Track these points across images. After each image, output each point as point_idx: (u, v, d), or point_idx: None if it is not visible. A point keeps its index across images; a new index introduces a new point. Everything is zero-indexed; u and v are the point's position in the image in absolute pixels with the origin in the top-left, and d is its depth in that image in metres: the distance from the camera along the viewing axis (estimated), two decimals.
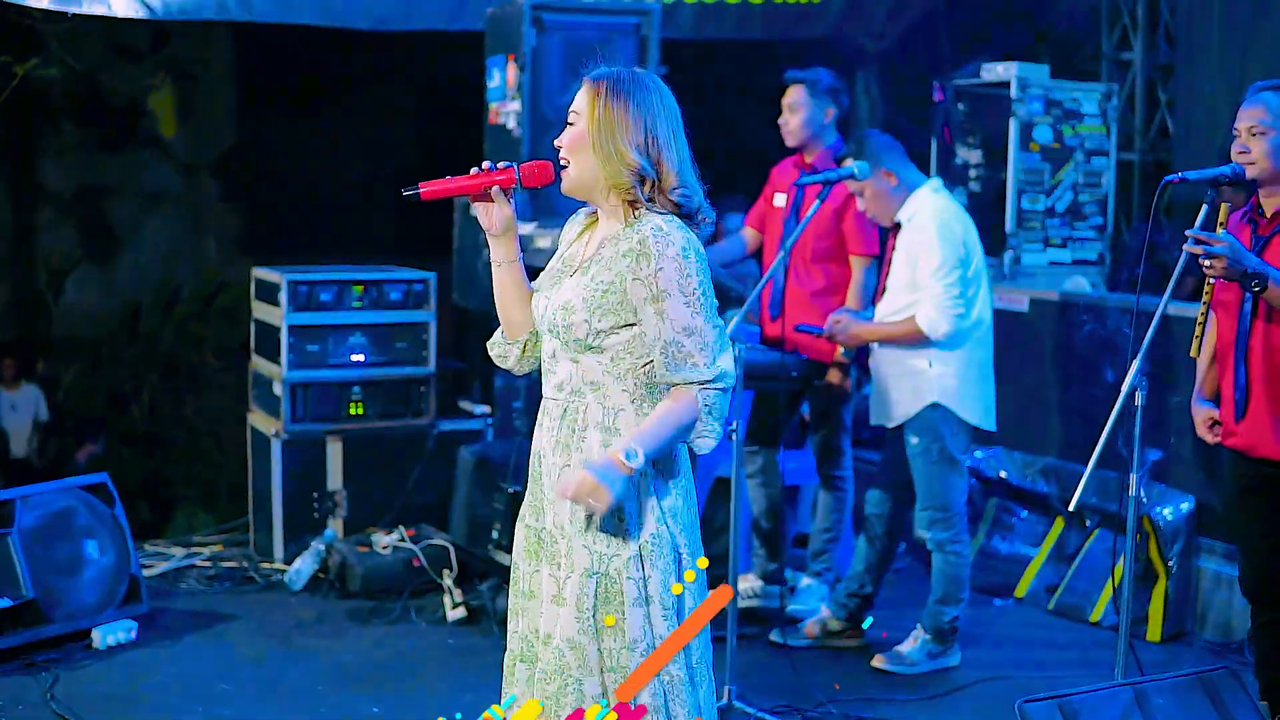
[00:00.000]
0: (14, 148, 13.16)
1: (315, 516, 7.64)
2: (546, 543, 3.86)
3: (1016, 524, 7.53)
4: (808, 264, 6.89)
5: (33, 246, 13.47)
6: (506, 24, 7.78)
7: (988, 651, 6.63)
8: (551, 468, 3.85)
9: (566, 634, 3.77)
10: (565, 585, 3.79)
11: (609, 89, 3.77)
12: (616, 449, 3.66)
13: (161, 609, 7.02)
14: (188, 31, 12.86)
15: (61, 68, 11.92)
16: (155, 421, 13.53)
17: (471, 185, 3.85)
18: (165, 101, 12.17)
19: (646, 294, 3.70)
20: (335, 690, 6.11)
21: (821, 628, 6.64)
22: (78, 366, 13.38)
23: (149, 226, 13.73)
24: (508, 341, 4.03)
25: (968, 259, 6.13)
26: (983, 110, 8.25)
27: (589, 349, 3.76)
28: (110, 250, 13.67)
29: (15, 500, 6.46)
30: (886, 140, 6.37)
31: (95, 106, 13.12)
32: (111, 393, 13.59)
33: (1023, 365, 7.68)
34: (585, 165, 3.78)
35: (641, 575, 3.75)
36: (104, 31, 12.42)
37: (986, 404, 6.30)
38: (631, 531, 3.75)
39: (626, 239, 3.75)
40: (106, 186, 13.58)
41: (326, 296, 7.58)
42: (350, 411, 7.64)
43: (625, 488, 3.69)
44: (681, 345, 3.70)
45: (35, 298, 13.48)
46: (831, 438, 6.96)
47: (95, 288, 13.66)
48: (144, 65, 12.85)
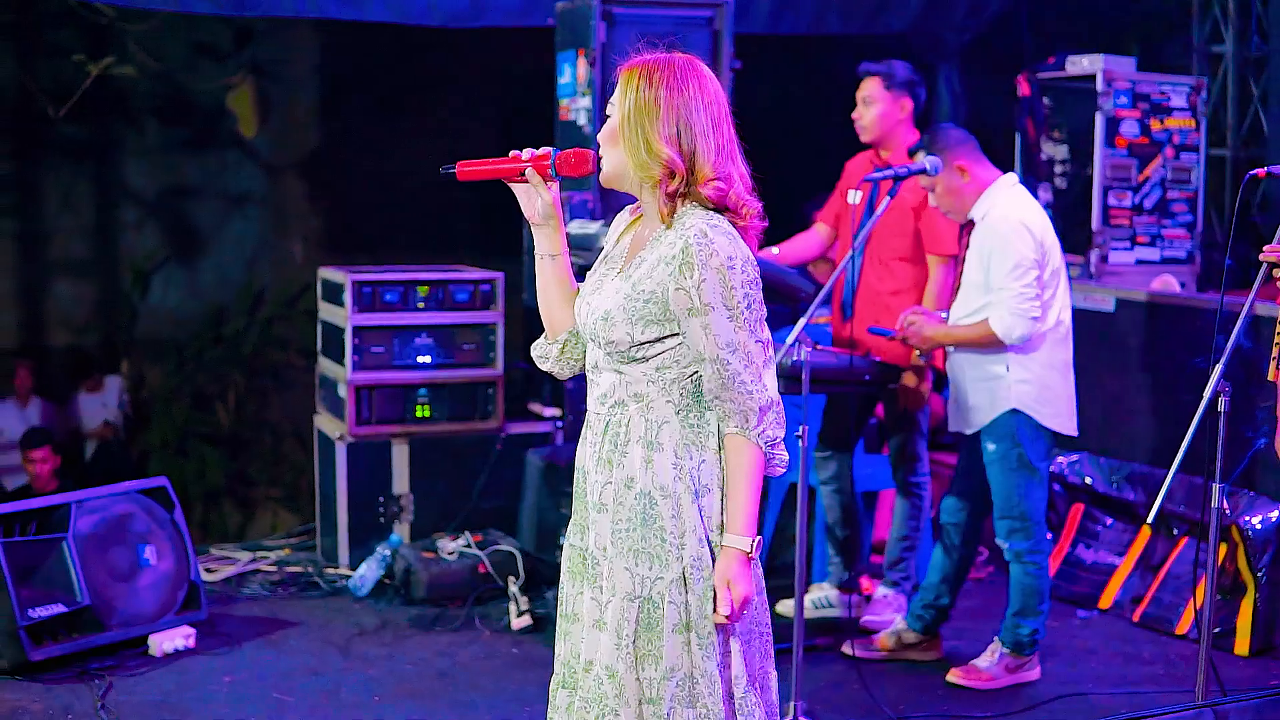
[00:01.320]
0: (98, 148, 13.17)
1: (381, 521, 7.51)
2: (589, 564, 3.72)
3: (1102, 532, 7.26)
4: (883, 263, 6.68)
5: (117, 247, 13.48)
6: (576, 19, 7.64)
7: (1068, 665, 6.38)
8: (595, 485, 3.70)
9: (605, 661, 3.63)
10: (607, 609, 3.65)
11: (641, 76, 3.58)
12: (742, 546, 3.57)
13: (223, 615, 6.92)
14: (270, 31, 12.84)
15: (139, 67, 11.90)
16: (240, 423, 13.51)
17: (508, 169, 3.71)
18: (243, 101, 12.11)
19: (689, 305, 3.51)
20: (391, 700, 5.97)
21: (896, 640, 6.42)
22: (161, 367, 13.37)
23: (233, 227, 13.70)
24: (548, 341, 3.86)
25: (1044, 259, 5.88)
26: (1068, 104, 7.98)
27: (633, 360, 3.60)
28: (194, 251, 13.65)
29: (71, 505, 6.36)
30: (960, 134, 6.14)
31: (178, 107, 13.11)
32: (196, 394, 13.57)
33: (1109, 368, 7.42)
34: (616, 157, 3.62)
35: (684, 599, 3.59)
36: (187, 31, 12.43)
37: (1067, 409, 6.05)
38: (675, 553, 3.59)
39: (669, 243, 3.55)
40: (190, 187, 13.56)
41: (392, 297, 7.44)
42: (416, 414, 7.50)
43: (665, 507, 3.58)
44: (727, 363, 3.53)
45: (120, 299, 13.49)
46: (907, 443, 6.74)
47: (180, 289, 13.65)
48: (226, 65, 12.82)
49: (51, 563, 6.25)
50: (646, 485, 3.59)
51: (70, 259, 13.22)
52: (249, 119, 12.15)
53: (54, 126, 12.49)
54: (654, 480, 3.59)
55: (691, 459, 3.60)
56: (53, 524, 6.31)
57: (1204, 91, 7.94)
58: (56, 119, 11.51)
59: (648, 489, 3.59)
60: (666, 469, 3.59)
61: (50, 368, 13.05)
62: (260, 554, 7.88)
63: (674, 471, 3.59)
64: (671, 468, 3.59)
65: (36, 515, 6.31)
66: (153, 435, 12.77)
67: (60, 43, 11.86)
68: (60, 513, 6.34)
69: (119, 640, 6.35)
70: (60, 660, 6.15)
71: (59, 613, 6.18)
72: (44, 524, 6.31)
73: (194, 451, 12.89)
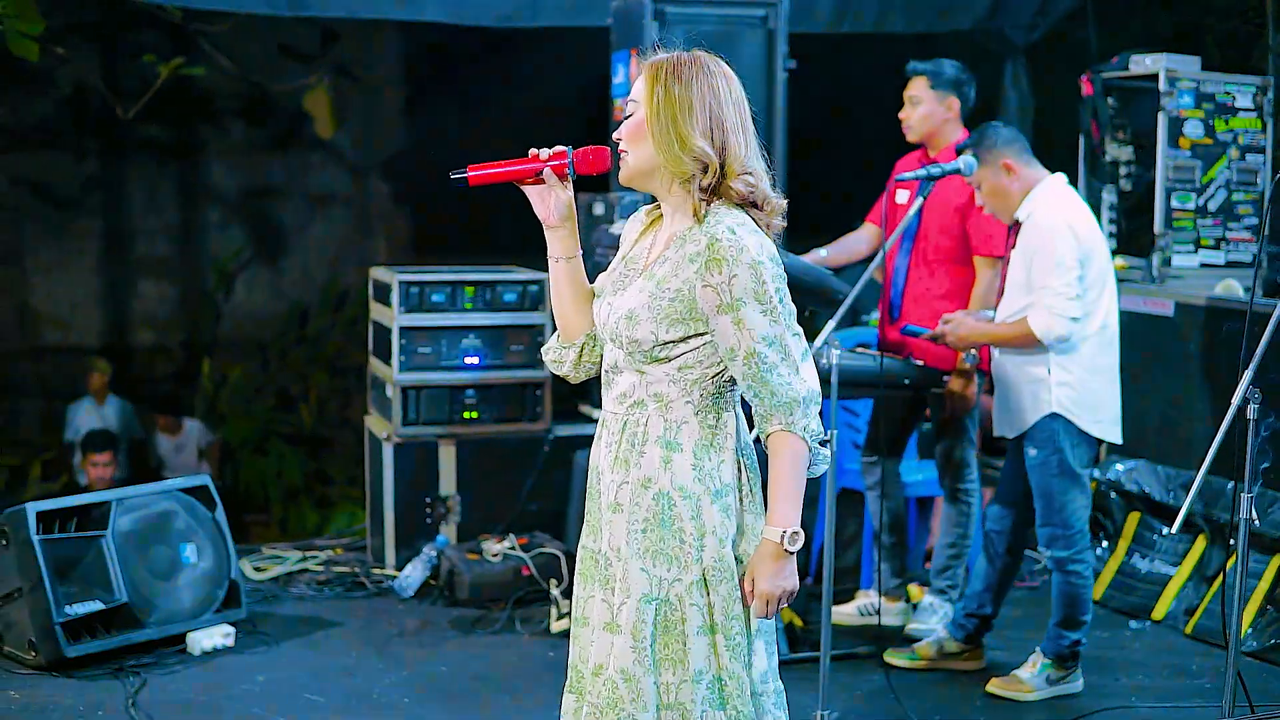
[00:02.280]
0: (183, 148, 13.31)
1: (428, 522, 7.49)
2: (601, 565, 3.66)
3: (1158, 542, 7.10)
4: (930, 264, 6.57)
5: (201, 247, 13.62)
6: (630, 18, 7.59)
7: (1115, 678, 6.23)
8: (610, 485, 3.64)
9: (621, 664, 3.55)
10: (620, 611, 3.58)
11: (669, 72, 3.54)
12: (772, 538, 3.51)
13: (266, 614, 6.92)
14: (354, 33, 12.92)
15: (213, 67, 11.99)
16: (321, 422, 13.60)
17: (523, 171, 3.64)
18: (320, 102, 12.17)
19: (719, 302, 3.47)
20: (421, 702, 5.94)
21: (938, 649, 6.30)
22: (244, 367, 13.47)
23: (316, 228, 13.80)
24: (563, 345, 3.81)
25: (1087, 259, 5.75)
26: (1133, 105, 7.80)
27: (655, 360, 3.55)
28: (278, 251, 13.76)
29: (111, 502, 6.38)
30: (1008, 133, 6.02)
31: (261, 107, 13.22)
32: (279, 393, 13.67)
33: (1168, 374, 7.25)
34: (644, 154, 3.55)
35: (706, 602, 3.54)
36: (269, 32, 12.52)
37: (1111, 415, 5.91)
38: (694, 555, 3.53)
39: (694, 240, 3.51)
40: (274, 187, 13.67)
41: (439, 298, 7.42)
42: (464, 415, 7.47)
43: (685, 508, 3.53)
44: (764, 356, 3.48)
45: (204, 298, 13.61)
46: (955, 449, 6.62)
47: (263, 288, 13.76)
48: (309, 66, 12.90)
49: (90, 560, 6.27)
50: (665, 486, 3.55)
51: (154, 259, 13.38)
52: (326, 120, 12.20)
53: (138, 127, 12.63)
54: (673, 481, 3.54)
55: (710, 460, 3.56)
56: (93, 521, 6.33)
57: (1270, 91, 7.74)
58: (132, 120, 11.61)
59: (666, 489, 3.54)
60: (686, 470, 3.54)
61: (133, 367, 13.21)
62: (311, 553, 7.88)
63: (694, 473, 3.54)
64: (691, 469, 3.54)
65: (77, 512, 6.34)
66: (233, 434, 12.86)
67: (144, 44, 11.98)
68: (100, 510, 6.36)
69: (157, 638, 6.37)
70: (97, 657, 6.17)
71: (96, 609, 6.20)
72: (84, 521, 6.33)
73: (274, 450, 12.98)
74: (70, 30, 11.99)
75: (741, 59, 7.54)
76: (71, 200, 12.91)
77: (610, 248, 6.79)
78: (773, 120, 7.56)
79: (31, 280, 12.87)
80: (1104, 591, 7.14)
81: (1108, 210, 7.87)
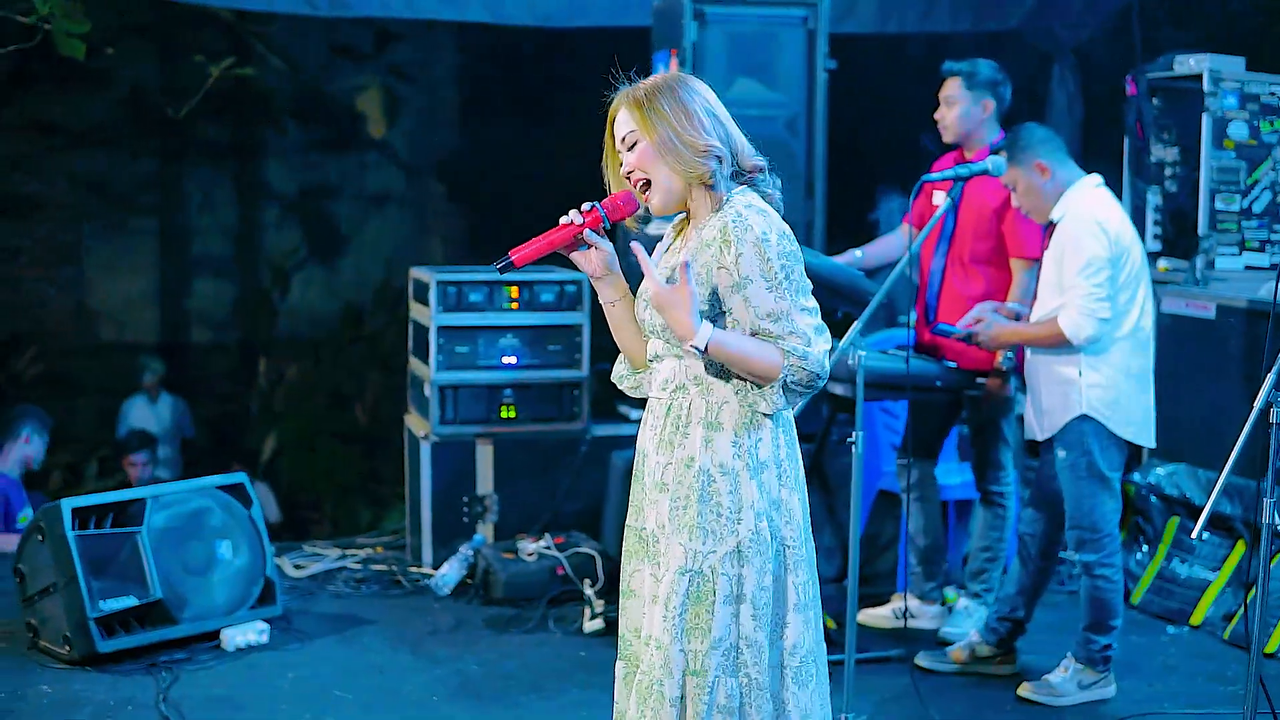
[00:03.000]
0: (240, 148, 13.40)
1: (465, 521, 7.51)
2: (649, 543, 3.83)
3: (1198, 546, 7.03)
4: (965, 266, 6.53)
5: (257, 246, 13.70)
6: (669, 18, 7.56)
7: (1148, 683, 6.17)
8: (655, 466, 3.81)
9: (655, 634, 3.73)
10: (660, 584, 3.76)
11: (647, 95, 3.75)
12: (704, 332, 3.63)
13: (302, 612, 6.96)
14: (410, 34, 12.99)
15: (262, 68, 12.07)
16: (375, 421, 13.64)
17: (562, 238, 3.78)
18: (373, 102, 12.23)
19: (731, 282, 3.68)
20: (449, 700, 5.95)
21: (970, 653, 6.26)
22: (299, 365, 13.55)
23: (372, 227, 13.86)
24: (636, 372, 3.97)
25: (1119, 259, 5.70)
26: (1178, 105, 7.72)
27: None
28: (334, 250, 13.83)
29: (147, 499, 6.44)
30: (1043, 133, 5.98)
31: (318, 108, 13.30)
32: (333, 392, 13.74)
33: (1209, 377, 7.17)
34: (663, 176, 3.74)
35: (737, 573, 3.71)
36: (325, 33, 12.61)
37: (1143, 418, 5.86)
38: (730, 528, 3.71)
39: (710, 227, 3.73)
40: (330, 187, 13.75)
41: (477, 297, 7.44)
42: (501, 414, 7.48)
43: (723, 484, 3.69)
44: (769, 331, 3.67)
45: (260, 297, 13.70)
46: (990, 451, 6.58)
47: (319, 287, 13.84)
48: (365, 67, 12.97)
49: (125, 556, 6.33)
50: (706, 464, 3.71)
51: (210, 257, 13.48)
52: (378, 120, 12.26)
53: (196, 127, 12.74)
54: (714, 459, 3.71)
55: (750, 438, 3.73)
56: (128, 518, 6.39)
57: None
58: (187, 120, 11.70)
59: (707, 467, 3.71)
60: (726, 447, 3.72)
61: (188, 365, 13.31)
62: (351, 551, 7.91)
63: (733, 450, 3.72)
64: (731, 445, 3.72)
65: (113, 509, 6.39)
66: (286, 432, 12.93)
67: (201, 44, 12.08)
68: (136, 506, 6.41)
69: (191, 634, 6.41)
70: (131, 652, 6.22)
71: (131, 605, 6.25)
72: (120, 518, 6.38)
73: (325, 448, 13.04)
74: (127, 31, 12.12)
75: (781, 59, 7.53)
76: (129, 199, 13.03)
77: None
78: (813, 121, 7.54)
79: (89, 278, 13.00)
80: (1142, 596, 7.08)
81: (1152, 212, 7.80)
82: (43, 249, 12.84)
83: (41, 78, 12.06)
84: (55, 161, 12.68)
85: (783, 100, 7.55)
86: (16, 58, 9.70)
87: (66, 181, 12.76)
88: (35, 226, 12.79)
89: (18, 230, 12.74)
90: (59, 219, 12.85)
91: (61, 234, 12.88)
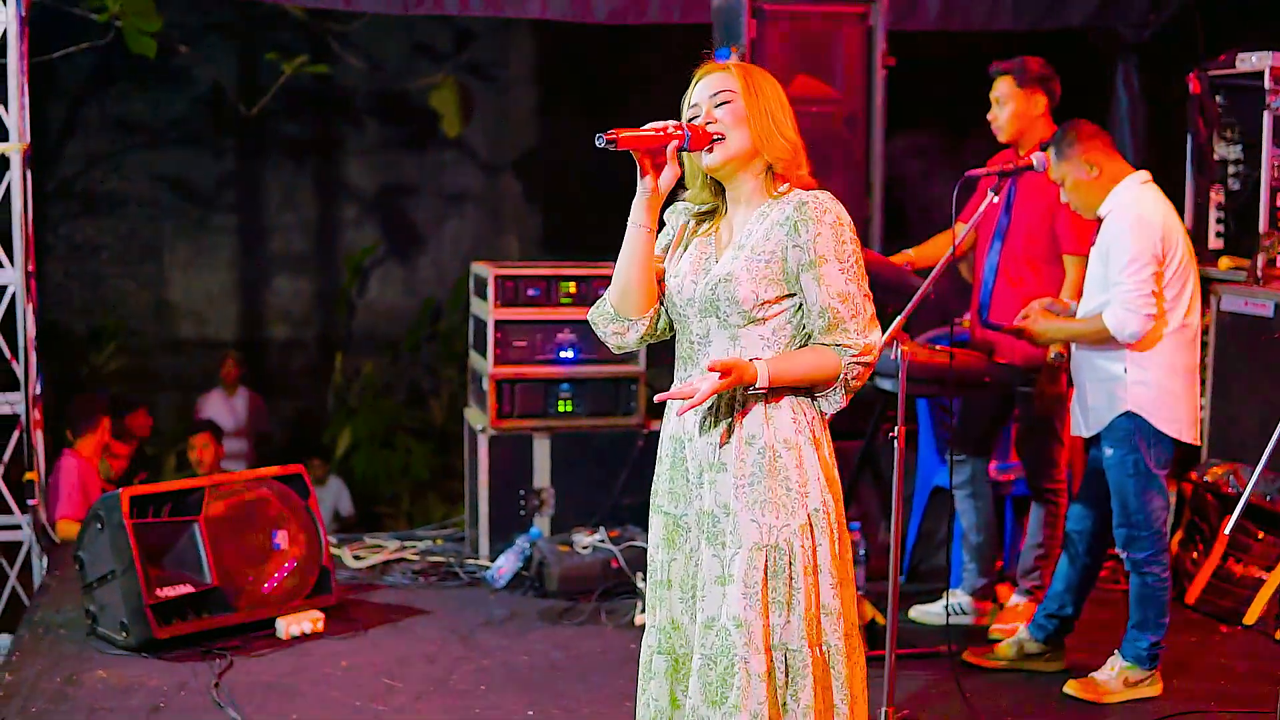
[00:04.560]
0: (319, 146, 13.52)
1: (522, 514, 7.57)
2: (707, 525, 3.84)
3: (1253, 545, 6.97)
4: (1019, 263, 6.52)
5: (336, 243, 13.82)
6: (730, 15, 7.61)
7: (1197, 681, 6.13)
8: (705, 448, 3.85)
9: (733, 612, 3.76)
10: (732, 563, 3.78)
11: (758, 73, 3.90)
12: (756, 364, 3.72)
13: (358, 601, 7.05)
14: (489, 32, 13.06)
15: (342, 66, 12.18)
16: (452, 419, 13.73)
17: (659, 140, 3.81)
18: (447, 100, 12.31)
19: (804, 259, 3.77)
20: (496, 690, 6.01)
21: (1018, 649, 6.25)
22: (376, 362, 13.66)
23: (449, 225, 13.95)
24: (625, 318, 3.96)
25: (1166, 256, 5.67)
26: (1240, 103, 7.66)
27: (752, 321, 3.80)
28: (411, 248, 13.92)
29: (204, 489, 6.54)
30: (1091, 129, 5.95)
31: (396, 106, 13.40)
32: (410, 389, 13.84)
33: (1265, 375, 7.11)
34: (742, 139, 3.82)
35: (811, 544, 3.79)
36: (405, 32, 12.72)
37: (1188, 415, 5.82)
38: (799, 500, 3.79)
39: (779, 209, 3.82)
40: (408, 185, 13.84)
41: (534, 292, 7.50)
42: (558, 408, 7.55)
43: (789, 458, 3.77)
44: (837, 311, 3.77)
45: (338, 293, 13.82)
46: (1043, 448, 6.57)
47: (396, 285, 13.93)
48: (444, 65, 13.06)
49: (183, 544, 6.44)
50: (770, 439, 3.79)
51: (290, 254, 13.59)
52: (453, 118, 12.34)
53: (275, 125, 12.88)
54: (776, 434, 3.79)
55: (806, 414, 3.84)
56: (186, 507, 6.50)
57: None
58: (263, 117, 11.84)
59: (770, 442, 3.79)
60: (787, 423, 3.81)
61: (266, 361, 13.45)
62: (410, 543, 8.00)
63: (793, 425, 3.81)
64: (791, 421, 3.81)
65: (171, 498, 6.50)
66: (361, 427, 13.04)
67: (280, 43, 12.22)
68: (194, 496, 6.53)
69: (247, 622, 6.51)
70: (186, 639, 6.33)
71: (187, 593, 6.36)
72: (178, 507, 6.50)
73: (400, 444, 13.14)
74: (209, 29, 12.29)
75: (839, 56, 7.55)
76: (209, 196, 13.18)
77: None
78: (871, 118, 7.55)
79: (169, 275, 13.16)
80: (1198, 595, 7.03)
81: (1215, 210, 7.75)
82: (124, 246, 13.01)
83: (122, 76, 12.25)
84: (136, 159, 12.85)
85: (841, 97, 7.57)
86: (96, 56, 9.90)
87: (147, 179, 12.93)
88: (117, 223, 12.97)
89: (100, 227, 12.93)
90: (140, 216, 13.02)
91: (142, 231, 13.05)
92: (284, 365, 13.70)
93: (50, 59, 9.69)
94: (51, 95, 12.27)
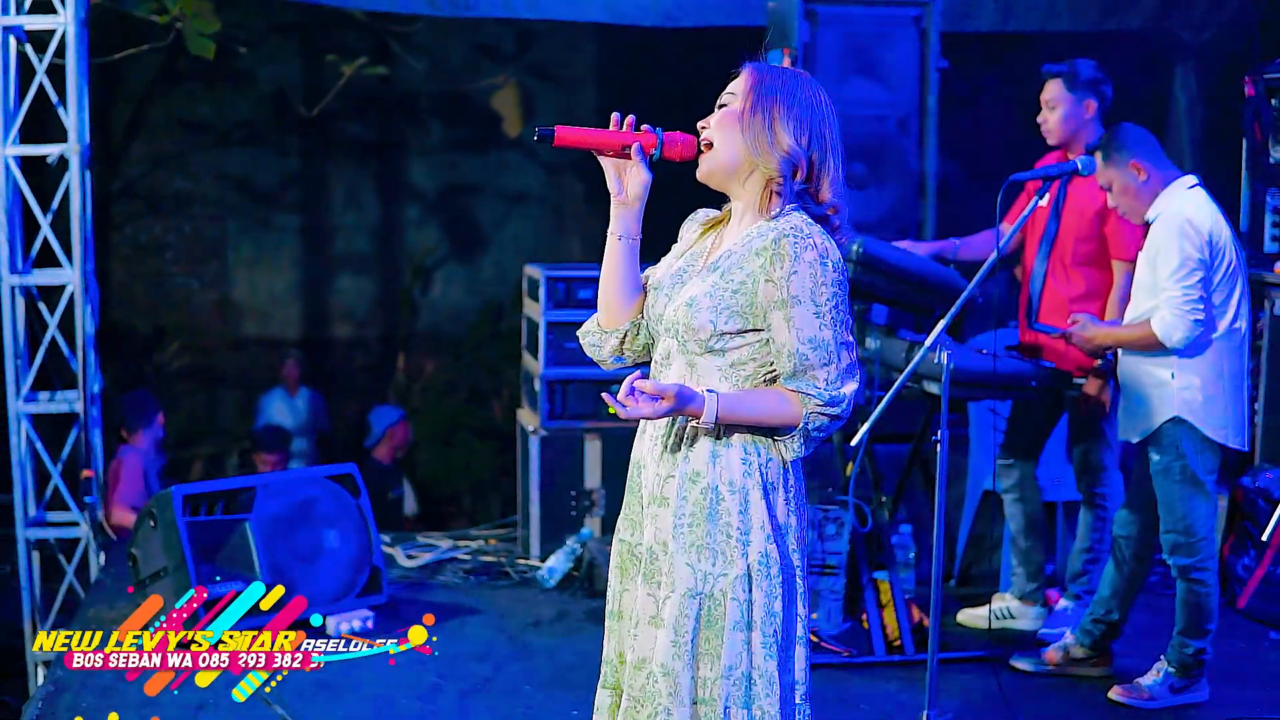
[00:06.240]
0: (383, 147, 13.61)
1: (573, 514, 7.61)
2: (645, 560, 3.60)
3: None
4: (1067, 268, 6.50)
5: (399, 244, 13.90)
6: (783, 18, 7.61)
7: (1244, 688, 6.10)
8: (654, 478, 3.63)
9: (661, 659, 3.51)
10: (664, 606, 3.54)
11: (773, 75, 3.59)
12: (705, 397, 3.44)
13: (408, 600, 7.10)
14: (551, 34, 13.10)
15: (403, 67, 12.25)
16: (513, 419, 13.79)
17: (611, 140, 3.64)
18: (508, 101, 12.37)
19: (776, 297, 3.47)
20: (542, 689, 6.05)
21: (1064, 654, 6.23)
22: (438, 362, 13.74)
23: (511, 226, 14.00)
24: (605, 330, 3.77)
25: (1213, 261, 5.65)
26: None
27: (709, 351, 3.53)
28: (474, 248, 13.99)
29: (257, 487, 6.62)
30: (1138, 133, 5.93)
31: (460, 107, 13.46)
32: (471, 389, 13.91)
33: None
34: (731, 147, 3.56)
35: (747, 598, 3.50)
36: (468, 33, 12.77)
37: (1237, 421, 5.79)
38: (741, 549, 3.50)
39: (761, 236, 3.52)
40: (470, 185, 13.90)
41: (586, 294, 7.54)
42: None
43: (733, 502, 3.49)
44: (806, 357, 3.47)
45: (401, 294, 13.90)
46: (1091, 452, 6.54)
47: (459, 285, 14.00)
48: (507, 67, 13.12)
49: (234, 542, 6.51)
50: (714, 480, 3.51)
51: (353, 254, 13.68)
52: (513, 119, 12.39)
53: (339, 126, 12.97)
54: (722, 475, 3.51)
55: (760, 456, 3.54)
56: (239, 505, 6.58)
57: None
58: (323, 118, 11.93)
59: (715, 483, 3.51)
60: (735, 464, 3.52)
61: (329, 360, 13.55)
62: (463, 543, 8.06)
63: (743, 467, 3.52)
64: (740, 463, 3.52)
65: (224, 496, 6.58)
66: (423, 426, 13.12)
67: (343, 45, 12.31)
68: (247, 495, 6.60)
69: (296, 620, 6.56)
70: None
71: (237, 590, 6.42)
72: (230, 505, 6.58)
73: (462, 444, 13.21)
74: (272, 31, 12.39)
75: (893, 59, 7.54)
76: (273, 196, 13.29)
77: None
78: (925, 121, 7.55)
79: (233, 273, 13.27)
80: (1248, 601, 6.99)
81: (1270, 214, 7.69)
82: (188, 245, 13.14)
83: (186, 77, 12.36)
84: (200, 159, 12.97)
85: (895, 100, 7.56)
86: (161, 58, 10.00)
87: (211, 178, 13.05)
88: (181, 223, 13.10)
89: (164, 226, 13.06)
90: (204, 215, 13.14)
91: (206, 230, 13.17)
92: (346, 365, 13.79)
93: (114, 60, 9.79)
94: (117, 96, 12.40)
